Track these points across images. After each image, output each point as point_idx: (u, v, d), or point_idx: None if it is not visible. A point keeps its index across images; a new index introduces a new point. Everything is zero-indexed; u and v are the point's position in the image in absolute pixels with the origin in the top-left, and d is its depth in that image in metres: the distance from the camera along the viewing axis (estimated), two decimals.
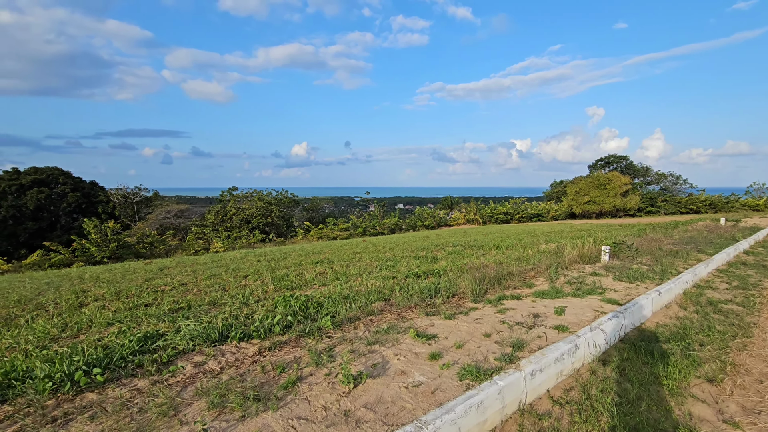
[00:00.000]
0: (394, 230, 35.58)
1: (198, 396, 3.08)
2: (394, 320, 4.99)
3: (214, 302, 7.60)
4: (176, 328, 4.98)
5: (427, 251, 14.15)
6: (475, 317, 4.93)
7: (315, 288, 8.52)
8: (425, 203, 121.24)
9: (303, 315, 5.46)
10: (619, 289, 6.29)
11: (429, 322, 4.80)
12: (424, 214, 38.89)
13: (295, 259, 13.87)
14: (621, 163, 44.78)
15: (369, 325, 4.83)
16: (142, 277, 11.55)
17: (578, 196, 37.55)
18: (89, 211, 37.96)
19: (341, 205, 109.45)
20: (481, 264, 9.76)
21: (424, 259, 11.95)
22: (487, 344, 4.05)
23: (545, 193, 51.26)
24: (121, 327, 5.71)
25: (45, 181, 37.58)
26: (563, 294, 5.96)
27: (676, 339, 4.73)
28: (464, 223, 39.77)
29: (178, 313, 6.64)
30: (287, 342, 4.30)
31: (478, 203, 41.72)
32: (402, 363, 3.61)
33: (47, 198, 36.95)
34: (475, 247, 14.62)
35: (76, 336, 5.82)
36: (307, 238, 32.52)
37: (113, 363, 3.87)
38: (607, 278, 6.97)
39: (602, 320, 4.70)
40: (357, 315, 5.26)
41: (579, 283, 6.58)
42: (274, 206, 37.38)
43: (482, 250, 13.67)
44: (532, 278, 7.10)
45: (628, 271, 7.35)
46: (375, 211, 38.34)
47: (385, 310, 5.46)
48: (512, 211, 39.60)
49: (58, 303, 8.47)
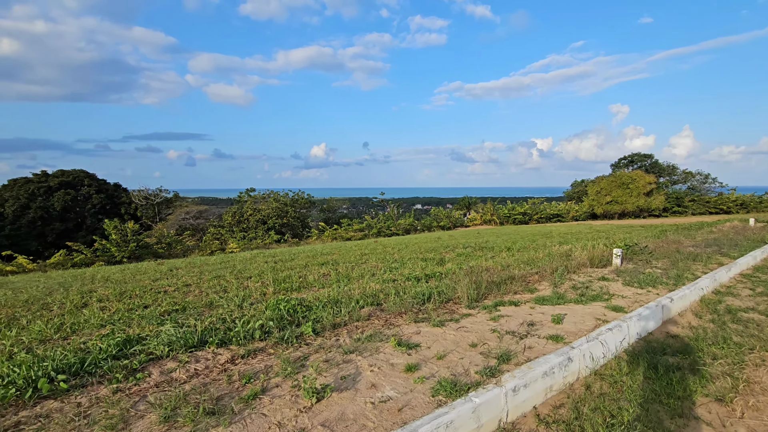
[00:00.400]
0: (409, 231, 35.27)
1: (153, 408, 2.94)
2: (380, 327, 4.76)
3: (211, 304, 7.52)
4: (155, 332, 4.89)
5: (435, 253, 13.84)
6: (465, 325, 4.65)
7: (314, 290, 8.37)
8: (443, 204, 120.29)
9: (289, 320, 5.29)
10: (627, 295, 5.88)
11: (415, 329, 4.55)
12: (440, 215, 38.44)
13: (303, 260, 13.78)
14: (645, 161, 43.19)
15: (353, 331, 4.62)
16: (150, 277, 11.64)
17: (599, 196, 36.38)
18: (113, 212, 39.07)
19: (359, 205, 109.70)
20: (486, 267, 9.42)
21: (431, 261, 11.66)
22: (472, 355, 3.78)
23: (566, 193, 49.91)
24: (110, 329, 5.67)
25: (71, 183, 38.89)
26: (565, 300, 5.60)
27: (686, 351, 4.33)
28: (481, 224, 39.11)
29: (171, 316, 6.58)
30: (263, 349, 4.13)
31: (495, 204, 40.96)
32: (375, 375, 3.38)
33: (73, 200, 38.22)
34: (486, 248, 14.23)
35: (66, 338, 5.80)
36: (322, 238, 32.57)
37: (84, 368, 3.78)
38: (616, 283, 6.55)
39: (602, 330, 4.35)
40: (344, 320, 5.06)
41: (584, 289, 6.19)
42: (289, 207, 37.63)
43: (492, 252, 13.27)
44: (536, 282, 6.74)
45: (640, 275, 6.90)
46: (390, 212, 38.14)
47: (374, 315, 5.24)
48: (530, 212, 38.70)
49: (63, 303, 8.55)
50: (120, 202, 39.87)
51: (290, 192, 43.41)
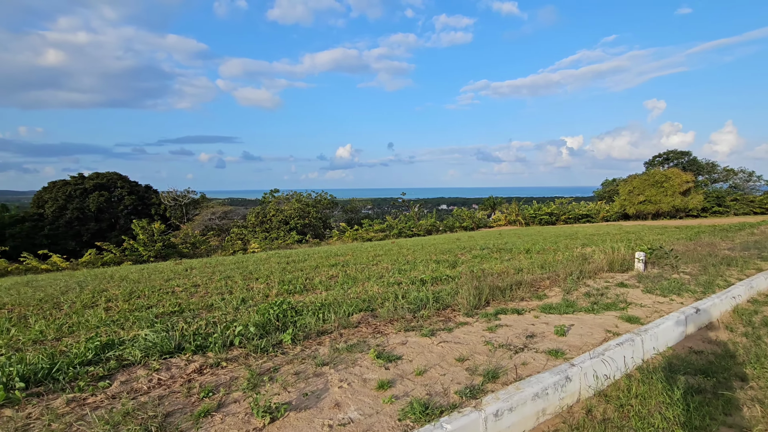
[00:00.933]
0: (431, 232, 34.73)
1: (97, 424, 2.73)
2: (368, 335, 4.44)
3: (211, 306, 7.41)
4: (131, 337, 4.74)
5: (450, 254, 13.38)
6: (457, 335, 4.26)
7: (317, 293, 8.13)
8: (469, 204, 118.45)
9: (277, 325, 5.06)
10: (646, 304, 5.31)
11: (402, 339, 4.20)
12: (463, 215, 37.68)
13: (315, 261, 13.62)
14: (682, 159, 40.87)
15: (337, 340, 4.32)
16: (164, 277, 11.72)
17: (631, 195, 34.64)
18: (144, 213, 40.45)
19: (384, 206, 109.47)
20: (498, 270, 8.93)
21: (443, 263, 11.23)
22: (456, 371, 3.40)
23: (595, 193, 47.86)
24: (100, 331, 5.61)
25: (105, 185, 40.54)
26: (575, 308, 5.10)
27: (710, 371, 3.79)
28: (505, 224, 38.08)
29: (162, 319, 6.48)
30: (236, 358, 3.89)
31: (520, 204, 39.78)
32: (343, 392, 3.07)
33: (107, 201, 39.83)
34: (504, 250, 13.64)
35: (60, 339, 5.79)
36: (342, 239, 32.52)
37: (51, 374, 3.66)
38: (635, 290, 5.96)
39: (610, 344, 3.86)
40: (333, 327, 4.77)
41: (598, 296, 5.65)
42: (311, 208, 37.83)
43: (510, 254, 12.70)
44: (546, 288, 6.24)
45: (664, 282, 6.27)
46: (411, 213, 37.72)
47: (364, 322, 4.92)
48: (557, 212, 37.33)
49: (74, 303, 8.64)
50: (150, 203, 41.22)
51: (313, 193, 43.70)
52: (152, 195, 41.98)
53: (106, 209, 39.73)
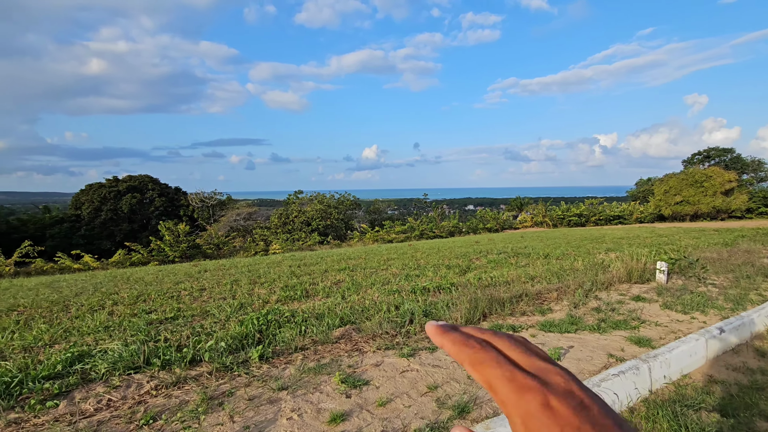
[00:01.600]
0: (453, 233, 34.04)
1: None
2: (345, 352, 4.12)
3: (206, 312, 7.28)
4: (101, 350, 4.61)
5: (464, 259, 12.87)
6: (439, 356, 3.87)
7: (317, 300, 7.89)
8: (497, 204, 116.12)
9: (256, 338, 4.82)
10: (663, 322, 4.72)
11: (378, 359, 3.85)
12: (487, 217, 36.73)
13: (326, 264, 13.43)
14: (724, 156, 38.28)
15: (310, 357, 4.02)
16: (176, 280, 11.79)
17: (667, 195, 32.70)
18: (173, 214, 41.71)
19: (410, 207, 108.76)
20: (510, 277, 8.41)
21: (455, 269, 10.76)
22: (424, 402, 3.03)
23: (629, 193, 45.55)
24: (80, 341, 5.54)
25: (138, 187, 42.08)
26: (579, 326, 4.60)
27: (730, 407, 3.24)
28: (531, 226, 36.85)
29: (157, 325, 6.39)
30: (197, 377, 3.66)
31: (547, 204, 38.39)
32: (290, 424, 2.76)
33: (139, 203, 41.33)
34: (521, 255, 13.00)
35: (53, 345, 5.77)
36: (363, 240, 32.35)
37: (9, 390, 3.54)
38: (652, 305, 5.35)
39: (609, 373, 3.37)
40: (312, 341, 4.48)
41: (609, 312, 5.10)
42: (333, 209, 37.88)
43: (527, 259, 12.07)
44: (553, 301, 5.71)
45: (687, 296, 5.61)
46: (434, 214, 37.12)
47: (345, 337, 4.60)
48: (587, 213, 35.75)
49: (82, 306, 8.75)
50: (179, 204, 42.49)
51: (336, 194, 43.80)
52: (181, 197, 43.26)
53: (138, 210, 41.23)
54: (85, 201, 39.57)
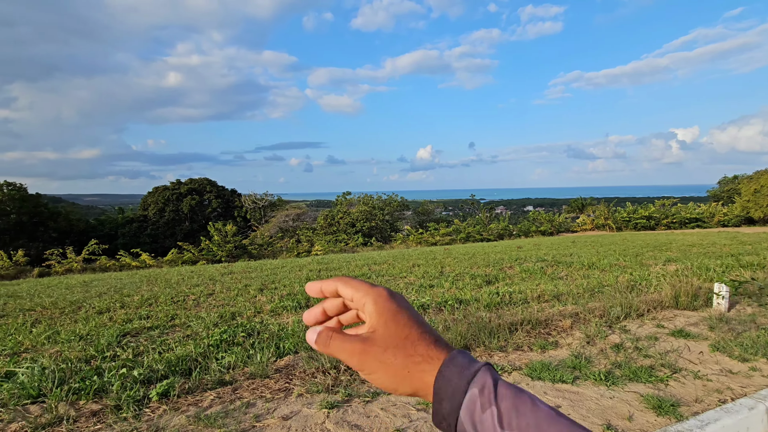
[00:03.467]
0: (503, 236, 32.06)
1: None
2: (270, 392, 3.35)
3: (188, 321, 6.89)
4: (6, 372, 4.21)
5: (497, 267, 11.60)
6: (373, 409, 2.96)
7: None
8: (558, 205, 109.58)
9: (199, 362, 4.22)
10: (707, 372, 3.40)
11: (293, 409, 3.03)
12: (541, 219, 34.19)
13: (349, 269, 12.83)
14: None
15: (224, 398, 3.31)
16: (196, 282, 11.77)
17: (758, 196, 28.18)
18: (228, 215, 43.73)
19: (465, 208, 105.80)
20: (535, 293, 7.16)
21: (479, 278, 9.59)
22: None
23: (710, 192, 40.14)
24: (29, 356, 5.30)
25: (197, 189, 44.67)
26: (583, 373, 3.42)
27: None
28: (592, 229, 33.71)
29: (129, 337, 6.06)
30: (77, 418, 3.08)
31: (610, 205, 34.93)
32: None
33: (198, 204, 43.83)
34: (562, 264, 11.44)
35: (26, 352, 5.63)
36: (407, 243, 31.49)
37: None
38: (698, 344, 3.97)
39: None
40: (240, 375, 3.78)
41: (633, 351, 3.83)
42: (378, 210, 37.43)
43: (568, 269, 10.56)
44: (564, 331, 4.50)
45: (753, 333, 4.13)
46: (481, 215, 35.31)
47: (286, 370, 3.83)
48: (658, 215, 31.93)
49: (93, 308, 8.81)
50: (234, 206, 44.46)
51: (384, 195, 43.33)
52: (236, 198, 45.25)
53: (198, 211, 43.72)
54: (152, 202, 42.69)
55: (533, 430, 0.38)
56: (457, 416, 0.42)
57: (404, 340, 0.47)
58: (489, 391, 0.41)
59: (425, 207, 48.09)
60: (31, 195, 37.93)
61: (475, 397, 0.41)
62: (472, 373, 0.43)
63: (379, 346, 0.47)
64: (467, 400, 0.42)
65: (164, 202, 42.50)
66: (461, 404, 0.42)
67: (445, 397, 0.43)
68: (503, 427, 0.39)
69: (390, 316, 0.48)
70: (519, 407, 0.40)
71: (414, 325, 0.48)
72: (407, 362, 0.46)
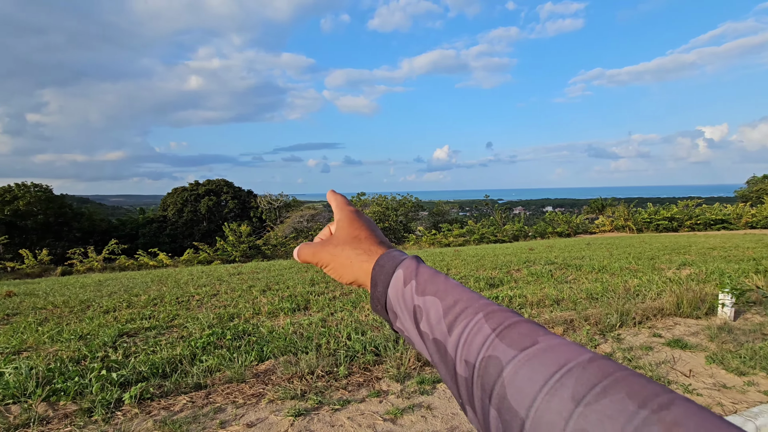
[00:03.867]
0: (518, 237, 31.53)
1: None
2: (242, 397, 3.32)
3: (186, 321, 6.96)
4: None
5: (504, 270, 11.37)
6: (339, 418, 2.89)
7: (308, 314, 7.19)
8: (579, 205, 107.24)
9: (182, 364, 4.23)
10: (700, 386, 3.18)
11: (260, 416, 2.98)
12: (557, 220, 33.46)
13: None
14: None
15: (196, 402, 3.29)
16: (204, 282, 11.92)
17: None
18: (244, 215, 44.38)
19: (482, 208, 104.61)
20: (536, 298, 6.97)
21: (483, 282, 9.43)
22: None
23: (737, 192, 38.54)
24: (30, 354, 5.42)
25: (214, 190, 45.49)
26: None
27: None
28: (611, 230, 32.81)
29: (126, 337, 6.15)
30: (52, 418, 3.12)
31: (631, 206, 33.94)
32: None
33: (215, 205, 44.63)
34: (571, 267, 11.12)
35: (22, 352, 5.77)
36: (420, 244, 31.31)
37: None
38: (695, 355, 3.74)
39: None
40: (217, 380, 3.76)
41: (625, 361, 3.64)
42: (391, 211, 37.34)
43: (576, 273, 10.26)
44: None
45: (756, 344, 3.87)
46: (496, 216, 34.80)
47: (264, 375, 3.80)
48: (680, 216, 30.84)
49: (101, 307, 8.99)
50: (249, 206, 45.08)
51: (398, 195, 43.20)
52: (251, 199, 45.88)
53: (215, 212, 44.51)
54: (171, 203, 43.69)
55: (441, 293, 0.45)
56: (386, 295, 0.49)
57: (354, 239, 0.56)
58: (412, 270, 0.48)
59: (440, 208, 47.75)
60: (56, 196, 39.32)
61: (400, 275, 0.48)
62: (401, 259, 0.51)
63: (333, 243, 0.57)
64: (394, 279, 0.49)
65: (183, 202, 43.43)
66: (389, 283, 0.49)
67: (379, 282, 0.50)
68: (418, 294, 0.46)
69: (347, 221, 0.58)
70: (433, 279, 0.47)
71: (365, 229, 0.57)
72: (351, 254, 0.55)
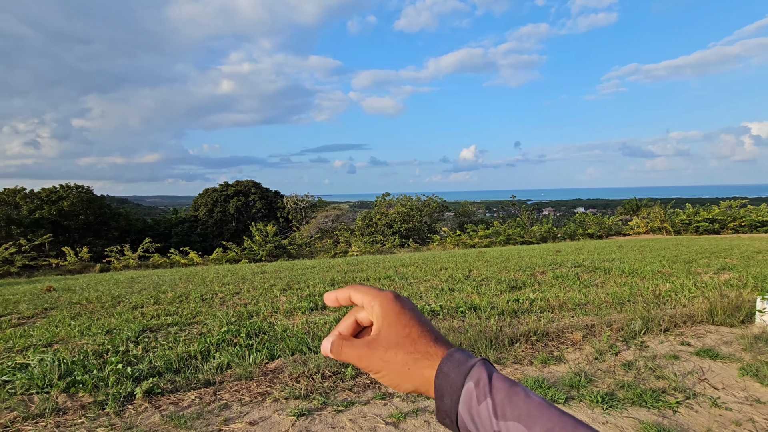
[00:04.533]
0: (546, 239, 30.68)
1: None
2: (249, 395, 3.33)
3: (207, 318, 7.10)
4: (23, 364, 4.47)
5: (528, 272, 11.07)
6: (341, 420, 2.84)
7: (325, 314, 7.22)
8: (612, 206, 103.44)
9: (183, 363, 4.31)
10: (729, 399, 2.95)
11: (263, 414, 2.97)
12: (588, 221, 32.33)
13: (377, 271, 12.76)
14: None
15: (204, 398, 3.33)
16: (229, 280, 12.17)
17: None
18: (271, 216, 45.28)
19: (509, 209, 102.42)
20: (555, 302, 6.72)
21: (504, 284, 9.18)
22: None
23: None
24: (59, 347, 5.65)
25: (243, 191, 46.64)
26: (581, 392, 3.09)
27: None
28: (646, 232, 31.41)
29: (149, 333, 6.34)
30: (69, 409, 3.22)
31: (667, 207, 32.39)
32: None
33: (244, 205, 45.74)
34: (600, 270, 10.68)
35: (53, 344, 6.03)
36: (444, 245, 30.98)
37: None
38: (726, 366, 3.47)
39: None
40: (229, 376, 3.80)
41: (646, 370, 3.42)
42: (415, 212, 37.17)
43: (605, 276, 9.85)
44: (573, 344, 4.13)
45: None
46: (522, 217, 34.01)
47: (273, 374, 3.81)
48: (723, 218, 29.17)
49: (131, 302, 9.31)
50: (276, 207, 45.95)
51: (423, 196, 42.96)
52: (278, 200, 46.76)
53: (243, 212, 45.62)
54: (201, 204, 45.10)
55: (525, 418, 0.39)
56: (456, 411, 0.44)
57: (405, 338, 0.49)
58: (484, 384, 0.43)
59: (466, 208, 47.16)
60: (97, 197, 41.33)
61: (471, 390, 0.43)
62: (468, 367, 0.45)
63: (382, 345, 0.50)
64: (464, 394, 0.43)
65: (213, 203, 44.75)
66: (459, 399, 0.44)
67: (446, 393, 0.45)
68: (498, 418, 0.41)
69: (393, 317, 0.50)
70: (512, 398, 0.41)
71: (415, 324, 0.50)
72: (407, 359, 0.48)
